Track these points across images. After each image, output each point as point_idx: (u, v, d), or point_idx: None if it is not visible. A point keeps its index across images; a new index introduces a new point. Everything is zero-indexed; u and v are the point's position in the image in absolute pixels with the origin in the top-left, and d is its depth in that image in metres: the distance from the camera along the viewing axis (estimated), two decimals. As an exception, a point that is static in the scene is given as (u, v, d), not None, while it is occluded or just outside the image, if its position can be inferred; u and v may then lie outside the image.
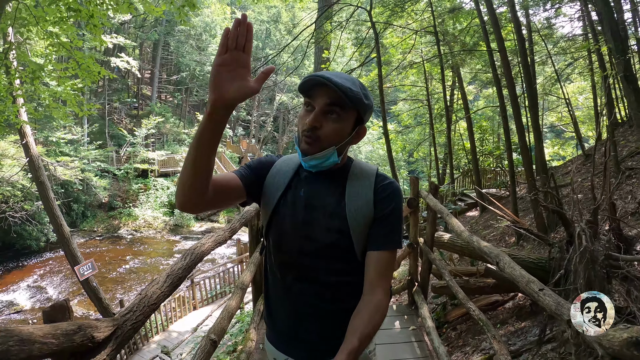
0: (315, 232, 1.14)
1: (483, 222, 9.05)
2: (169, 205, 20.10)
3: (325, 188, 1.17)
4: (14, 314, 12.84)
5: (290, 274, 1.19)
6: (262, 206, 1.23)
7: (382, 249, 1.12)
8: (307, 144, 1.09)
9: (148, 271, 15.22)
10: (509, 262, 2.16)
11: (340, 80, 1.02)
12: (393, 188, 1.16)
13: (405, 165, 22.99)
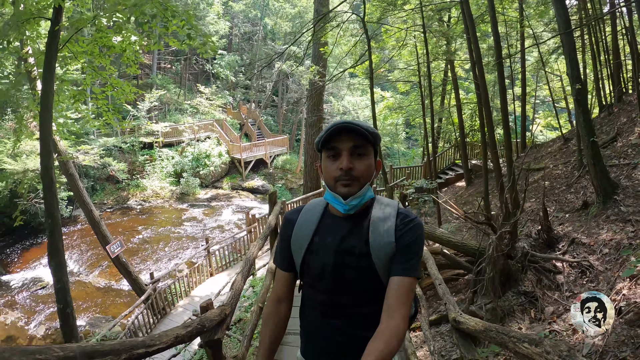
0: (345, 274, 1.31)
1: (467, 195, 10.42)
2: (174, 175, 21.48)
3: (351, 232, 1.32)
4: (39, 289, 13.95)
5: (326, 310, 1.37)
6: (293, 254, 1.42)
7: (402, 275, 1.24)
8: (346, 187, 1.26)
9: (160, 240, 16.75)
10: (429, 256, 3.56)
11: (360, 123, 1.25)
12: (413, 224, 1.30)
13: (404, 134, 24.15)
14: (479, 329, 2.06)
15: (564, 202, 6.36)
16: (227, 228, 18.39)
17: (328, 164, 1.29)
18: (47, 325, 12.15)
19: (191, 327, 2.06)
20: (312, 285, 1.40)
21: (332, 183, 1.28)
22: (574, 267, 4.22)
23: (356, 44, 8.90)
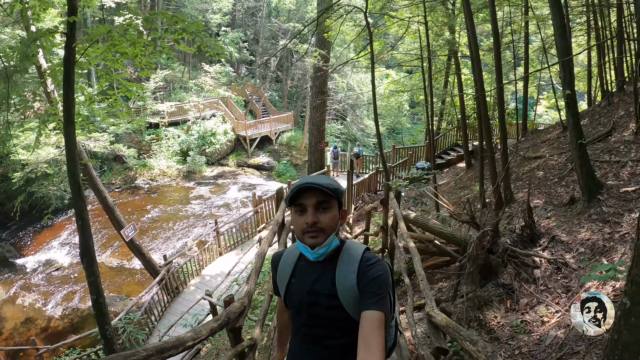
0: (318, 311, 1.50)
1: (467, 179, 10.89)
2: (181, 153, 22.01)
3: (320, 277, 1.50)
4: (54, 271, 14.58)
5: (306, 338, 1.57)
6: (279, 288, 1.67)
7: (370, 309, 1.37)
8: (313, 238, 1.42)
9: (170, 219, 17.41)
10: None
11: (320, 182, 1.40)
12: (374, 267, 1.45)
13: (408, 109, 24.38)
14: (443, 324, 2.61)
15: (554, 195, 6.79)
16: (234, 206, 18.95)
17: (296, 218, 1.45)
18: (64, 306, 12.83)
19: (221, 319, 2.62)
20: (294, 317, 1.63)
21: (300, 235, 1.45)
22: (551, 263, 4.74)
23: (359, 34, 9.19)
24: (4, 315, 12.51)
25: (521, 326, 4.06)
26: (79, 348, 8.81)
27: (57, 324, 12.19)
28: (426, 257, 6.13)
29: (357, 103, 26.88)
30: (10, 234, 16.79)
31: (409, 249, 4.41)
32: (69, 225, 17.43)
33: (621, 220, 5.07)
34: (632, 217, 5.03)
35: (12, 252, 15.62)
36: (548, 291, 4.45)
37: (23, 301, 13.09)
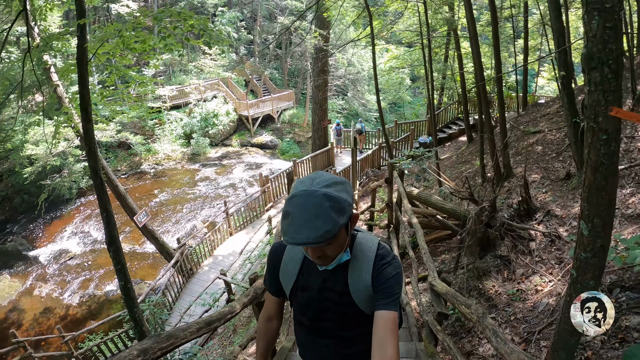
0: (329, 308, 1.47)
1: (468, 153, 11.20)
2: (184, 136, 22.35)
3: (332, 275, 1.45)
4: (68, 260, 15.03)
5: (313, 331, 1.56)
6: (282, 285, 1.58)
7: (385, 309, 1.35)
8: (320, 263, 1.36)
9: (177, 202, 17.91)
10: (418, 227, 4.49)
11: (315, 233, 1.17)
12: (389, 266, 1.41)
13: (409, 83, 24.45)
14: (443, 292, 3.02)
15: (551, 170, 7.11)
16: (240, 186, 19.41)
17: None
18: (81, 294, 13.37)
19: (250, 295, 3.03)
20: (300, 312, 1.58)
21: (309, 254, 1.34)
22: (546, 236, 5.12)
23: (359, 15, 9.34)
24: (22, 307, 13.04)
25: (517, 294, 4.47)
26: (101, 333, 9.27)
27: (75, 311, 12.74)
28: (430, 231, 6.55)
29: (358, 78, 26.93)
30: (21, 227, 17.28)
31: (413, 224, 4.82)
32: (78, 215, 17.93)
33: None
34: (624, 192, 5.37)
35: (24, 245, 16.08)
36: (542, 262, 4.84)
37: (40, 292, 13.62)
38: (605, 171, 1.63)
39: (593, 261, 1.65)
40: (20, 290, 13.74)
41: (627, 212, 5.05)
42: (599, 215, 1.65)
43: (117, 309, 12.18)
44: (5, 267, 14.90)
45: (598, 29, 1.44)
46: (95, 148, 5.09)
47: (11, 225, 17.35)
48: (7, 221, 17.42)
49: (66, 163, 16.75)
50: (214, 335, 8.10)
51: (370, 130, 17.19)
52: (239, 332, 7.53)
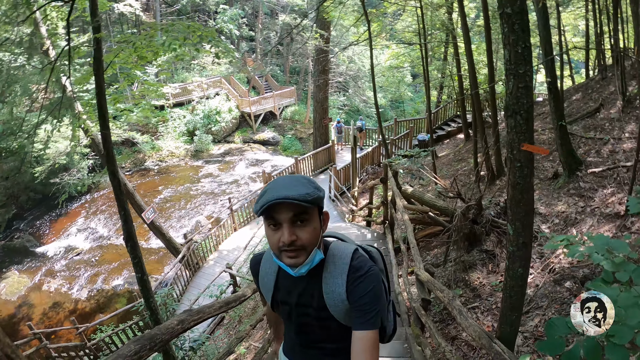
0: (310, 321, 1.45)
1: (465, 151, 11.66)
2: (187, 133, 22.86)
3: (306, 290, 1.41)
4: (75, 256, 15.45)
5: (300, 342, 1.55)
6: (265, 297, 1.57)
7: (362, 329, 1.31)
8: (292, 258, 1.26)
9: (181, 198, 18.41)
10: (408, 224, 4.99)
11: (294, 192, 1.19)
12: (365, 278, 1.33)
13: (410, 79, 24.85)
14: (425, 280, 3.53)
15: (541, 170, 7.55)
16: (243, 182, 19.89)
17: (269, 232, 1.28)
18: (89, 288, 13.82)
19: None
20: (285, 322, 1.59)
21: (277, 252, 1.29)
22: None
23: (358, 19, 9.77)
24: (32, 301, 13.46)
25: (499, 285, 4.94)
26: (112, 325, 9.73)
27: (84, 305, 13.18)
28: (424, 227, 7.05)
29: (359, 75, 27.32)
30: (28, 224, 17.72)
31: (404, 221, 5.31)
32: (84, 211, 18.38)
33: (594, 195, 5.86)
34: (605, 192, 5.83)
35: (32, 242, 16.50)
36: (524, 256, 5.34)
37: (49, 287, 14.03)
38: (521, 188, 2.10)
39: (519, 254, 2.13)
40: (29, 286, 14.16)
41: (606, 211, 5.51)
42: (519, 220, 2.11)
43: (123, 302, 12.70)
44: (13, 263, 15.34)
45: (513, 88, 1.91)
46: (113, 152, 5.58)
47: (17, 222, 17.77)
48: (13, 218, 17.68)
49: (72, 161, 17.23)
50: (221, 325, 8.64)
51: (370, 127, 17.66)
52: (244, 322, 8.04)
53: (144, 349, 1.79)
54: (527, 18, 1.82)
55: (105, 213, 18.00)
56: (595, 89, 9.98)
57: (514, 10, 1.80)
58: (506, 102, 2.02)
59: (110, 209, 18.13)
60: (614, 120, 7.85)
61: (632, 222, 4.90)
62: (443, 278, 5.47)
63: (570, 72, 13.78)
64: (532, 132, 2.00)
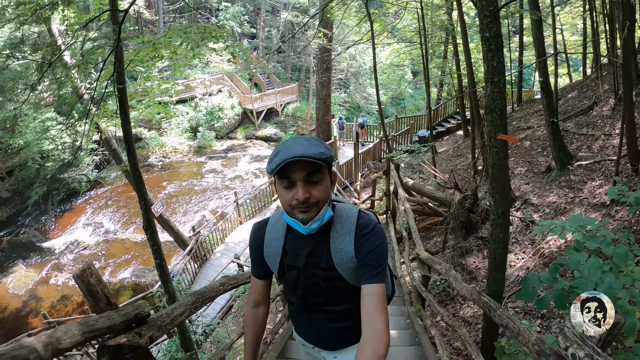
0: (316, 282, 1.49)
1: (464, 147, 12.12)
2: (190, 130, 23.32)
3: (314, 249, 1.46)
4: (82, 250, 15.84)
5: (305, 308, 1.62)
6: (270, 267, 1.59)
7: (372, 283, 1.36)
8: (304, 213, 1.32)
9: (186, 193, 18.83)
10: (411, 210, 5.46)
11: (310, 151, 1.25)
12: (371, 235, 1.41)
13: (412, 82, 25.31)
14: (425, 257, 4.00)
15: (535, 164, 8.03)
16: (246, 177, 20.35)
17: (283, 192, 1.33)
18: None
19: None
20: (290, 291, 1.60)
21: (289, 210, 1.35)
22: (522, 221, 6.07)
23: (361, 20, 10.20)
24: (40, 295, 13.85)
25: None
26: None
27: None
28: (424, 218, 7.52)
29: (359, 71, 27.74)
30: (33, 219, 18.08)
31: (405, 209, 5.78)
32: (88, 207, 18.76)
33: (584, 187, 6.31)
34: (593, 184, 6.28)
35: (37, 237, 16.89)
36: (517, 243, 5.79)
37: (56, 280, 14.40)
38: (498, 168, 2.63)
39: (499, 221, 2.60)
40: (37, 280, 14.52)
41: (593, 201, 5.97)
42: (498, 193, 2.59)
43: (129, 295, 13.06)
44: (20, 257, 15.72)
45: (490, 92, 2.42)
46: (134, 145, 6.02)
47: (22, 218, 18.15)
48: (18, 214, 18.25)
49: (78, 157, 17.59)
50: (230, 312, 9.12)
51: (371, 123, 18.12)
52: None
53: (198, 301, 2.23)
54: (501, 40, 2.28)
55: (110, 208, 18.36)
56: (591, 87, 10.41)
57: (491, 35, 2.28)
58: (485, 103, 2.52)
59: (115, 204, 18.53)
60: (605, 118, 8.25)
61: (617, 210, 5.35)
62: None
63: (568, 70, 14.20)
64: (506, 125, 2.48)
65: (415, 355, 3.45)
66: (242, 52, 6.18)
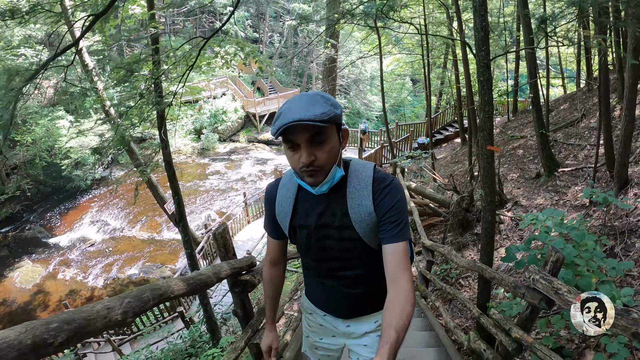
0: (330, 245, 1.46)
1: (461, 154, 13.03)
2: (194, 132, 24.13)
3: (328, 207, 1.42)
4: (89, 247, 16.32)
5: (318, 272, 1.60)
6: (281, 226, 1.57)
7: (394, 242, 1.32)
8: (311, 177, 1.30)
9: (190, 194, 19.53)
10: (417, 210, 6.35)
11: (309, 113, 1.18)
12: (390, 188, 1.37)
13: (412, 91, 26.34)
14: (429, 245, 4.87)
15: (526, 171, 8.94)
16: (249, 180, 21.03)
17: (288, 154, 1.30)
18: (105, 277, 14.69)
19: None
20: (302, 253, 1.60)
21: (298, 172, 1.33)
22: (512, 220, 6.97)
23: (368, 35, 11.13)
24: (48, 289, 14.33)
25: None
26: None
27: (100, 293, 14.03)
28: (426, 218, 8.38)
29: (360, 78, 28.72)
30: (38, 216, 18.65)
31: (410, 208, 6.67)
32: (94, 204, 19.30)
33: (567, 191, 7.21)
34: (576, 188, 7.19)
35: (43, 233, 17.40)
36: (508, 239, 6.67)
37: (64, 276, 14.89)
38: (486, 169, 3.40)
39: (488, 207, 3.43)
40: (44, 275, 15.01)
41: (575, 203, 6.88)
42: (487, 187, 3.41)
43: (136, 290, 13.76)
44: (26, 253, 16.22)
45: (483, 117, 3.28)
46: (168, 144, 6.87)
47: (28, 214, 18.69)
48: (23, 210, 18.76)
49: (85, 156, 18.23)
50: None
51: (372, 130, 19.01)
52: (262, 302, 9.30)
53: (217, 275, 2.96)
54: (492, 82, 3.14)
55: (116, 206, 18.92)
56: (582, 99, 11.33)
57: (484, 79, 3.10)
58: (478, 124, 3.42)
59: (120, 202, 19.14)
60: (592, 129, 9.18)
61: (594, 210, 6.25)
62: (441, 257, 6.82)
63: (563, 82, 15.10)
64: (492, 139, 3.32)
65: (423, 325, 4.31)
66: (267, 64, 7.03)
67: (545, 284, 2.04)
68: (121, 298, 1.29)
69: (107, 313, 1.20)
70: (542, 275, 2.10)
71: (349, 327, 1.68)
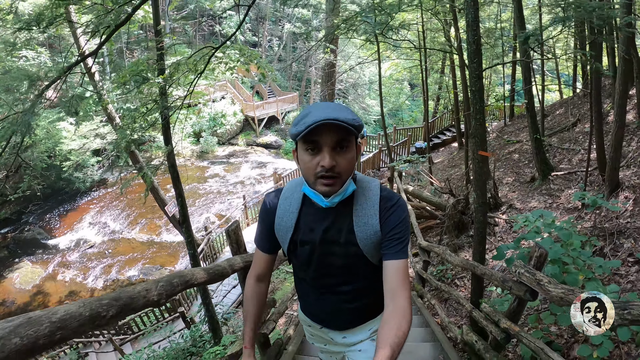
0: (332, 261, 1.44)
1: (458, 158, 13.26)
2: (193, 135, 24.33)
3: (334, 223, 1.39)
4: (88, 249, 16.41)
5: (315, 287, 1.56)
6: (279, 241, 1.52)
7: (396, 259, 1.33)
8: (327, 186, 1.26)
9: (189, 197, 19.46)
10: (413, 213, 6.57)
11: (343, 115, 1.18)
12: (397, 208, 1.38)
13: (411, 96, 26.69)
14: (425, 245, 5.08)
15: (521, 175, 9.17)
16: (248, 183, 21.23)
17: (306, 157, 1.26)
18: (104, 278, 14.78)
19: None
20: (299, 268, 1.56)
21: (311, 179, 1.29)
22: (507, 223, 7.19)
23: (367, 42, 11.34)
24: (47, 290, 14.41)
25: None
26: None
27: (100, 294, 13.41)
28: (423, 221, 8.60)
29: (358, 82, 29.01)
30: (37, 217, 18.76)
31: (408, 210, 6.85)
32: (93, 206, 19.45)
33: (561, 195, 7.43)
34: (569, 192, 7.42)
35: (42, 234, 17.51)
36: (502, 241, 6.88)
37: (64, 277, 14.97)
38: (478, 173, 3.61)
39: (480, 208, 3.63)
40: (43, 276, 15.09)
41: (568, 205, 7.11)
42: (479, 189, 3.61)
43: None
44: (25, 254, 16.32)
45: (474, 124, 3.51)
46: (172, 148, 7.08)
47: (26, 216, 18.80)
48: (22, 212, 18.87)
49: (85, 158, 18.41)
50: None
51: (370, 134, 19.25)
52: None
53: (232, 267, 3.13)
54: (483, 92, 3.37)
55: (116, 209, 19.07)
56: (577, 105, 11.59)
57: (476, 89, 3.31)
58: (471, 131, 3.64)
59: (120, 205, 19.29)
60: (587, 134, 9.38)
61: (586, 213, 6.48)
62: (437, 258, 7.03)
63: (559, 87, 15.38)
64: (485, 145, 3.59)
65: (419, 322, 4.51)
66: (269, 69, 7.25)
67: (529, 277, 2.26)
68: (155, 282, 1.50)
69: (146, 293, 1.40)
70: (526, 269, 2.32)
71: (345, 338, 1.68)
